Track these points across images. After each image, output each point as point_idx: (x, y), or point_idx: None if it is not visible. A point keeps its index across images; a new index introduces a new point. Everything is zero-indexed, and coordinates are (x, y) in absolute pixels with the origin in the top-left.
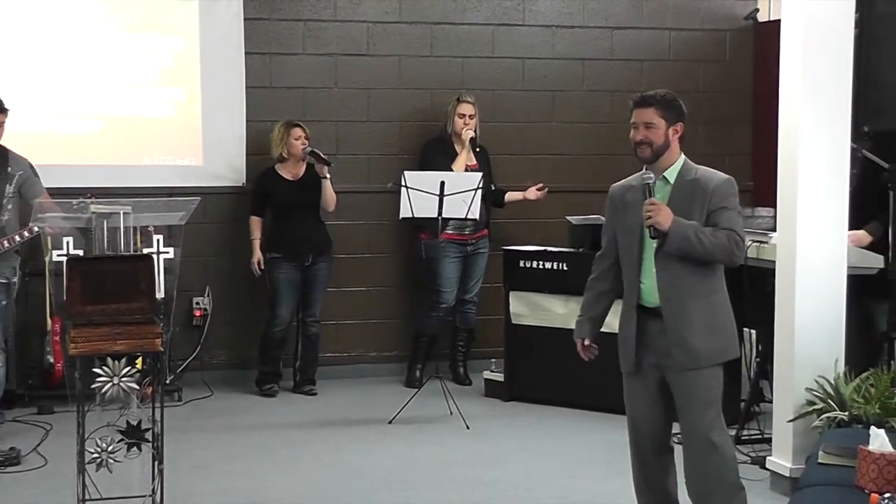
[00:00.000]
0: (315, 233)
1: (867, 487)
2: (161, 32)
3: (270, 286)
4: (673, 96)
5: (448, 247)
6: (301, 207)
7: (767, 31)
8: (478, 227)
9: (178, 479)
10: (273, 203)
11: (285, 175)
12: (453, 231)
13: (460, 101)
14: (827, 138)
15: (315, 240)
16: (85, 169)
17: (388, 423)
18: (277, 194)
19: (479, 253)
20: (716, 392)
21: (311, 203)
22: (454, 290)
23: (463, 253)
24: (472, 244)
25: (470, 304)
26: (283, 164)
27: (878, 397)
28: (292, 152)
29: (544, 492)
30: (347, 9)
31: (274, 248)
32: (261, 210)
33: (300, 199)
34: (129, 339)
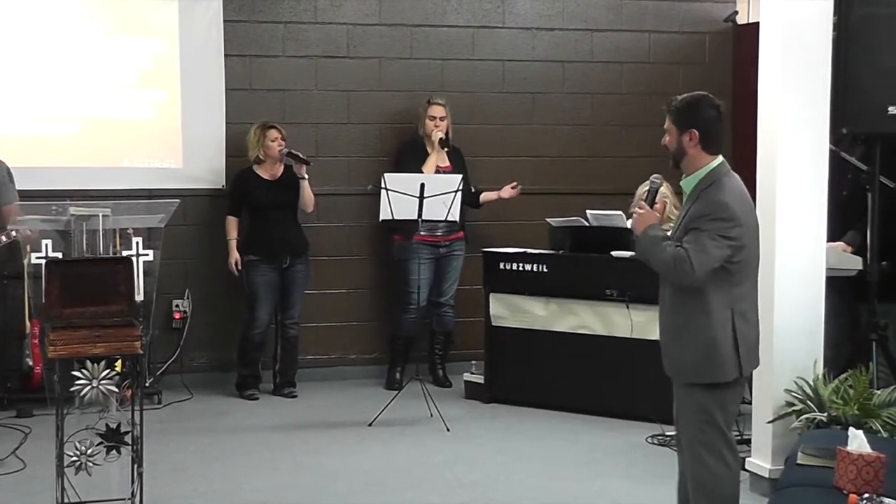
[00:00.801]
0: (292, 234)
1: (846, 488)
2: (141, 35)
3: (248, 289)
4: (687, 102)
5: (420, 248)
6: (279, 208)
7: (746, 34)
8: (451, 229)
9: (158, 482)
10: (250, 204)
11: (263, 175)
12: (426, 233)
13: (430, 103)
14: (805, 140)
15: (293, 241)
16: (64, 171)
17: (367, 426)
18: (255, 195)
19: (452, 255)
20: (706, 411)
21: (289, 204)
22: (426, 292)
23: (435, 255)
24: (444, 246)
25: (446, 307)
26: (261, 165)
27: (856, 398)
28: (269, 154)
29: (524, 494)
30: (327, 11)
31: (251, 250)
32: (238, 210)
33: (278, 200)
34: (108, 341)
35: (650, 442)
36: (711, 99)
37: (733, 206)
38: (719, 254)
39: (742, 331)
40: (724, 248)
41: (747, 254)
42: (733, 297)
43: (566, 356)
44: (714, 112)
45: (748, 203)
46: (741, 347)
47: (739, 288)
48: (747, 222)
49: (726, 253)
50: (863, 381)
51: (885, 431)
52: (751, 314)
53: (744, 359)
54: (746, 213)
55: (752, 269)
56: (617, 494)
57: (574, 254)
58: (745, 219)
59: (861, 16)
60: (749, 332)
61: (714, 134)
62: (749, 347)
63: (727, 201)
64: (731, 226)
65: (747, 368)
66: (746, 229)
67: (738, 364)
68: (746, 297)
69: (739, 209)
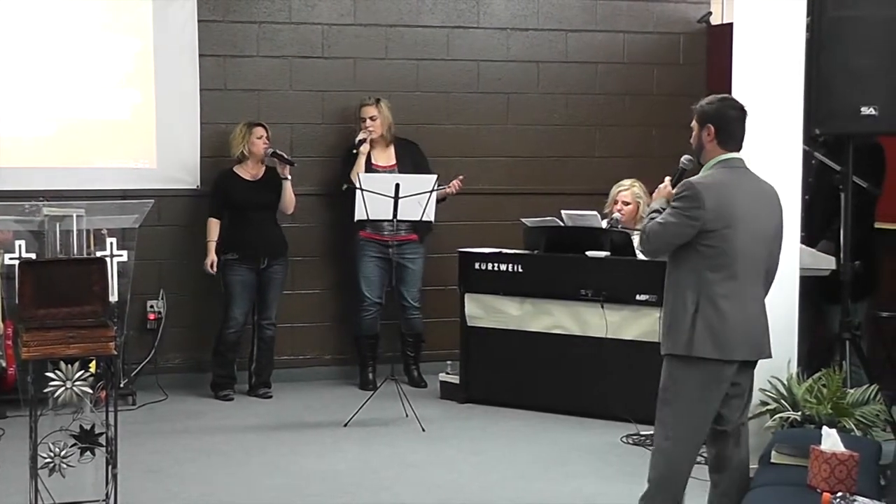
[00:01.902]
0: (272, 235)
1: (819, 487)
2: (115, 35)
3: (224, 288)
4: (706, 102)
5: (366, 245)
6: (259, 209)
7: (720, 35)
8: (398, 230)
9: (132, 483)
10: (231, 204)
11: (244, 176)
12: (371, 230)
13: (361, 104)
14: (779, 141)
15: (272, 242)
16: (38, 171)
17: (343, 426)
18: (236, 195)
19: (406, 259)
20: (669, 388)
21: (269, 205)
22: (378, 290)
23: (384, 254)
24: (392, 246)
25: (412, 310)
26: (242, 164)
27: (830, 397)
28: (254, 151)
29: (500, 494)
30: (302, 11)
31: (230, 249)
32: (219, 212)
33: (258, 201)
34: (82, 342)
35: (625, 442)
36: (733, 100)
37: (702, 189)
38: (675, 230)
39: (706, 315)
40: (683, 227)
41: (726, 245)
42: (704, 282)
43: (541, 356)
44: (733, 112)
45: (730, 195)
46: (698, 329)
47: (714, 275)
48: (719, 211)
49: (686, 231)
50: (836, 380)
51: (858, 430)
52: (726, 305)
53: (700, 342)
54: (721, 202)
55: (734, 262)
56: (592, 494)
57: (549, 254)
58: (713, 206)
59: (834, 17)
60: (717, 321)
61: (730, 131)
62: (715, 335)
63: (696, 183)
64: (693, 206)
65: (704, 351)
66: (717, 217)
67: (690, 343)
68: (722, 287)
69: (710, 195)
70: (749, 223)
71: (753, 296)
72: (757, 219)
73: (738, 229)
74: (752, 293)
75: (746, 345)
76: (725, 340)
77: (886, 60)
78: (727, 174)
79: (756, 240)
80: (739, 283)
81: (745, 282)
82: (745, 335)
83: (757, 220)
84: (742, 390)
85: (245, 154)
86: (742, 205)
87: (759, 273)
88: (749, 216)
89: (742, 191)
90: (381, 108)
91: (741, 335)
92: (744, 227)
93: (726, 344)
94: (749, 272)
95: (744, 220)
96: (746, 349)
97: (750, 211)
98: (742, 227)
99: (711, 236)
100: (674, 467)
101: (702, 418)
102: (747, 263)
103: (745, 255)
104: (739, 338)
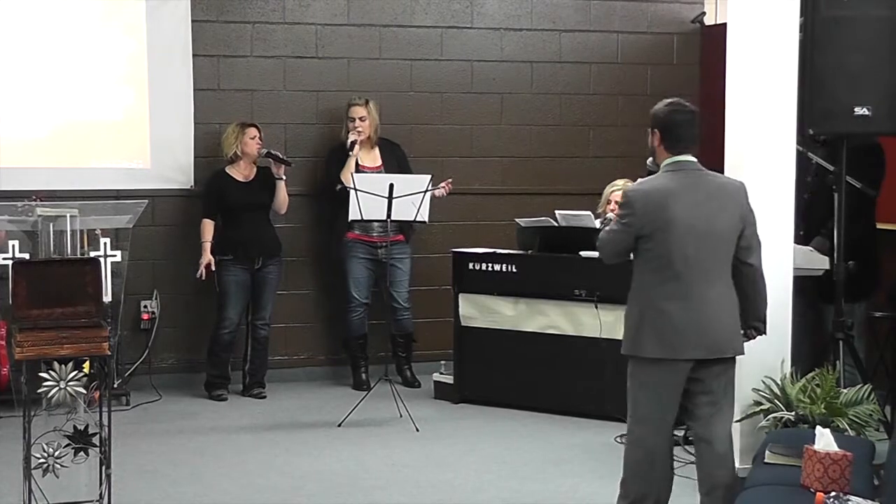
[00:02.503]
0: (266, 235)
1: (813, 486)
2: (108, 34)
3: (219, 288)
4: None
5: (354, 246)
6: (252, 209)
7: (714, 35)
8: (386, 231)
9: (126, 483)
10: (224, 205)
11: (236, 176)
12: (359, 231)
13: (349, 104)
14: (772, 141)
15: (266, 242)
16: (31, 172)
17: (337, 426)
18: (229, 196)
19: (394, 259)
20: (629, 387)
21: (263, 205)
22: (366, 290)
23: (372, 255)
24: (381, 247)
25: (402, 311)
26: (235, 165)
27: (823, 397)
28: (247, 151)
29: (494, 494)
30: (296, 11)
31: (224, 250)
32: (213, 213)
33: (252, 201)
34: (75, 343)
35: (619, 441)
36: (679, 104)
37: (634, 196)
38: (616, 237)
39: (650, 317)
40: (621, 234)
41: (660, 247)
42: (648, 284)
43: (535, 356)
44: (678, 116)
45: (664, 198)
46: (646, 330)
47: (655, 277)
48: (651, 215)
49: (624, 238)
50: (830, 380)
51: (851, 430)
52: (669, 306)
53: (646, 342)
54: (653, 206)
55: (674, 264)
56: (586, 494)
57: (543, 254)
58: (645, 210)
59: (827, 17)
60: (660, 322)
61: (676, 135)
62: (659, 335)
63: (630, 190)
64: (626, 213)
65: (649, 351)
66: (649, 221)
67: (638, 343)
68: (665, 288)
69: (642, 200)
70: (689, 224)
71: (704, 295)
72: (702, 219)
73: (674, 231)
74: (701, 293)
75: (698, 344)
76: (670, 340)
77: (880, 60)
78: (669, 177)
79: (701, 240)
80: (683, 284)
81: (690, 282)
82: (696, 334)
83: (702, 220)
84: (708, 387)
85: (238, 154)
86: (680, 206)
87: (712, 272)
88: (690, 217)
89: (682, 192)
90: (370, 109)
91: (691, 335)
92: (682, 229)
93: (671, 344)
94: (694, 272)
95: (682, 221)
96: (697, 348)
97: (691, 211)
98: (679, 229)
99: (648, 240)
100: (638, 463)
101: (658, 415)
102: (690, 264)
103: (685, 256)
104: (688, 338)
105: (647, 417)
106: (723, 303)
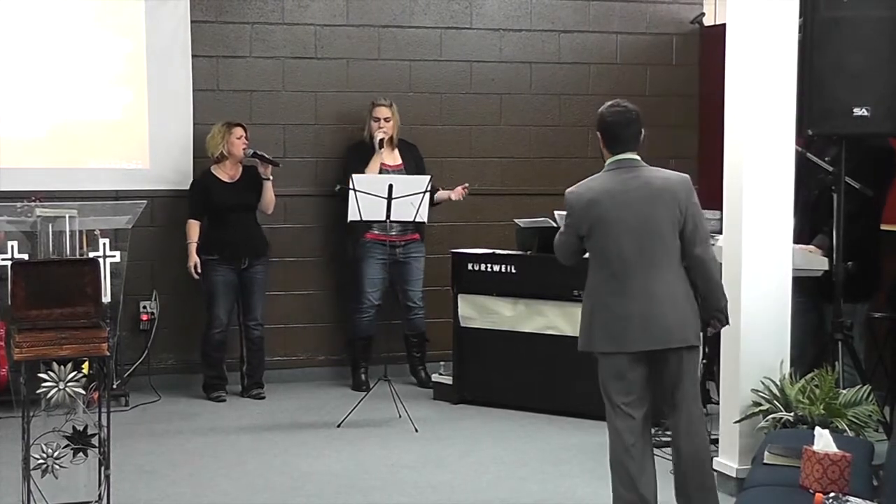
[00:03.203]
0: (252, 235)
1: (812, 487)
2: (107, 35)
3: (206, 288)
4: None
5: (373, 247)
6: (239, 210)
7: (713, 35)
8: (405, 230)
9: (125, 484)
10: (211, 205)
11: (222, 177)
12: (378, 231)
13: (374, 104)
14: (771, 141)
15: (253, 242)
16: (30, 172)
17: (336, 427)
18: (216, 196)
19: (411, 257)
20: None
21: (249, 205)
22: (379, 292)
23: (390, 255)
24: (399, 247)
25: (416, 310)
26: (220, 165)
27: (822, 398)
28: (233, 152)
29: (493, 494)
30: (295, 12)
31: (210, 250)
32: (199, 214)
33: (238, 202)
34: (74, 343)
35: None
36: (616, 105)
37: (570, 197)
38: (563, 239)
39: (597, 312)
40: (565, 235)
41: (596, 246)
42: (595, 282)
43: (534, 357)
44: (613, 117)
45: (594, 198)
46: (595, 326)
47: (597, 275)
48: (585, 213)
49: (567, 239)
50: (829, 380)
51: (850, 431)
52: (612, 301)
53: (597, 337)
54: (586, 205)
55: (612, 260)
56: (585, 494)
57: (542, 254)
58: (579, 210)
59: (826, 18)
60: (609, 318)
61: (614, 134)
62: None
63: (568, 192)
64: (566, 213)
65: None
66: (582, 221)
67: (590, 338)
68: (608, 284)
69: (577, 200)
70: (620, 220)
71: (649, 289)
72: (634, 214)
73: (607, 229)
74: (644, 286)
75: (643, 336)
76: (618, 334)
77: (879, 61)
78: (606, 176)
79: (635, 235)
80: (622, 280)
81: (629, 277)
82: (642, 327)
83: (634, 216)
84: (665, 376)
85: (224, 154)
86: (610, 204)
87: (654, 266)
88: (621, 214)
89: (615, 190)
90: (394, 111)
91: (636, 327)
92: (614, 226)
93: (618, 337)
94: (633, 268)
95: (613, 218)
96: (644, 340)
97: (623, 208)
98: (611, 227)
99: (587, 239)
100: (612, 453)
101: (618, 407)
102: (627, 259)
103: (620, 252)
104: (633, 330)
105: (613, 411)
106: (671, 295)
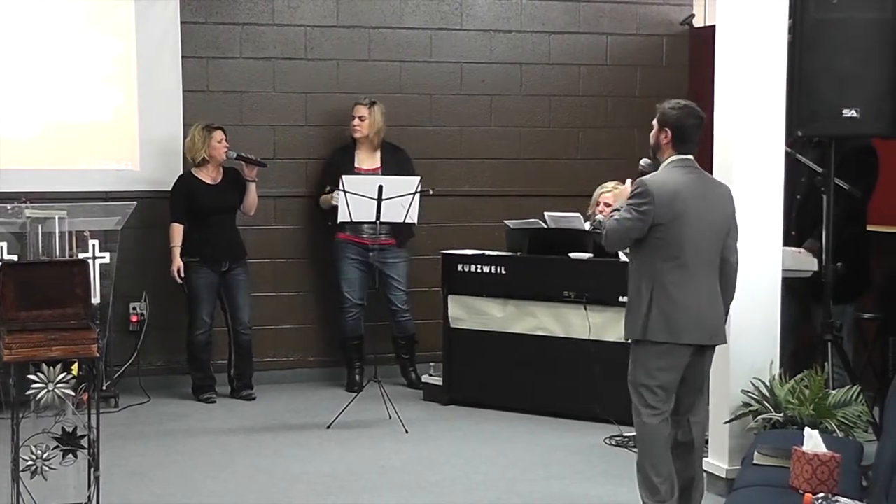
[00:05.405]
0: (232, 238)
1: (801, 488)
2: (97, 35)
3: (188, 291)
4: (669, 107)
5: (346, 247)
6: (221, 212)
7: (703, 37)
8: (376, 233)
9: (115, 485)
10: (193, 208)
11: (204, 179)
12: (350, 232)
13: (355, 103)
14: (761, 142)
15: (232, 245)
16: (20, 173)
17: (326, 428)
18: (199, 199)
19: (388, 264)
20: (632, 371)
21: (231, 207)
22: (359, 291)
23: (363, 257)
24: (373, 250)
25: (402, 313)
26: (202, 167)
27: (812, 399)
28: (214, 155)
29: (483, 495)
30: (285, 13)
31: (192, 252)
32: (182, 217)
33: (221, 204)
34: (64, 345)
35: (608, 443)
36: (694, 109)
37: (651, 186)
38: (629, 224)
39: (659, 301)
40: (634, 221)
41: (672, 236)
42: (657, 271)
43: (524, 358)
44: (692, 121)
45: (677, 191)
46: (654, 315)
47: (665, 264)
48: (667, 205)
49: (637, 225)
50: (818, 381)
51: (840, 431)
52: (676, 292)
53: (655, 327)
54: (669, 197)
55: (683, 252)
56: (575, 495)
57: (532, 255)
58: (662, 201)
59: (816, 20)
60: (671, 308)
61: (686, 136)
62: (668, 320)
63: (646, 181)
64: (643, 202)
65: (657, 335)
66: (665, 211)
67: (645, 327)
68: (673, 275)
69: (660, 191)
70: (697, 217)
71: (704, 285)
72: (706, 213)
73: (686, 222)
74: (702, 282)
75: (697, 329)
76: (676, 325)
77: (868, 63)
78: (678, 172)
79: (704, 232)
80: (689, 272)
81: (694, 271)
82: (697, 320)
83: (706, 214)
84: (696, 371)
85: (206, 158)
86: (690, 200)
87: (710, 264)
88: (697, 210)
89: (690, 187)
90: (372, 111)
91: (692, 320)
92: (692, 221)
93: (677, 328)
94: (698, 262)
95: (691, 213)
96: (697, 333)
97: (698, 206)
98: (690, 220)
99: (662, 229)
100: (647, 445)
101: (661, 397)
102: (696, 254)
103: (693, 246)
104: (690, 323)
105: (654, 402)
106: (715, 293)
